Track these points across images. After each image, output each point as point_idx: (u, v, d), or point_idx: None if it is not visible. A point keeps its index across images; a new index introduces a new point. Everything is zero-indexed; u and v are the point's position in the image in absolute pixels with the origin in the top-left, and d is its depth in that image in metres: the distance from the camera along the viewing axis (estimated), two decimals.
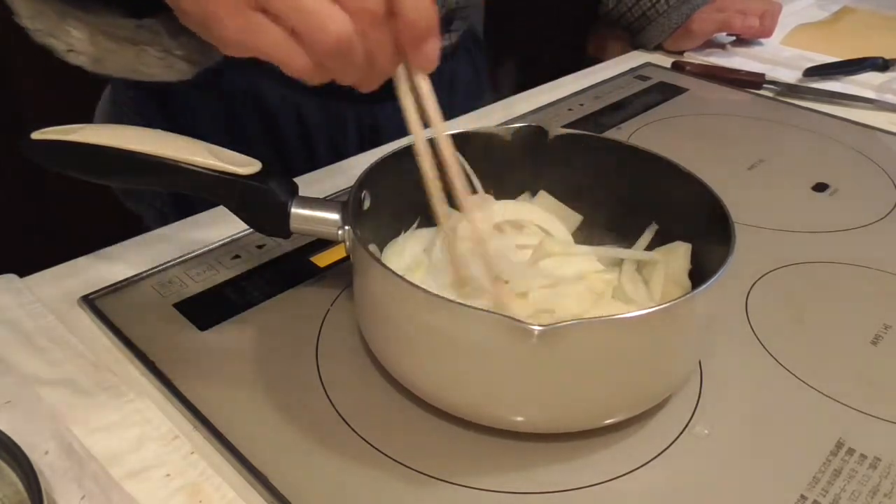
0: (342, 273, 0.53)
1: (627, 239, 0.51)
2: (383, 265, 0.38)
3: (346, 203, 0.44)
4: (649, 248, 0.50)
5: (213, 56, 0.49)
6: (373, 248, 0.47)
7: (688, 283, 0.46)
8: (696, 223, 0.46)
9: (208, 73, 0.51)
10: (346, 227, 0.43)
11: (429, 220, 0.52)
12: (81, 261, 0.53)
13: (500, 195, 0.53)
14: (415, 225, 0.51)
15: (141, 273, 0.52)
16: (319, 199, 0.46)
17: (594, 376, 0.38)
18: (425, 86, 0.39)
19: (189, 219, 0.59)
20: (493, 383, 0.38)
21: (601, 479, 0.39)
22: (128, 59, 0.46)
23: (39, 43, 0.44)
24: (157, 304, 0.49)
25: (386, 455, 0.40)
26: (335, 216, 0.44)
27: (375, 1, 0.34)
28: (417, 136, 0.41)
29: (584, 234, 0.53)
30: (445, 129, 0.41)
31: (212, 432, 0.40)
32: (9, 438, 0.36)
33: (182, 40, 0.47)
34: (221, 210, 0.58)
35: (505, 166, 0.52)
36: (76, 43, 0.44)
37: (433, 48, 0.37)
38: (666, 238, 0.49)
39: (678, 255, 0.47)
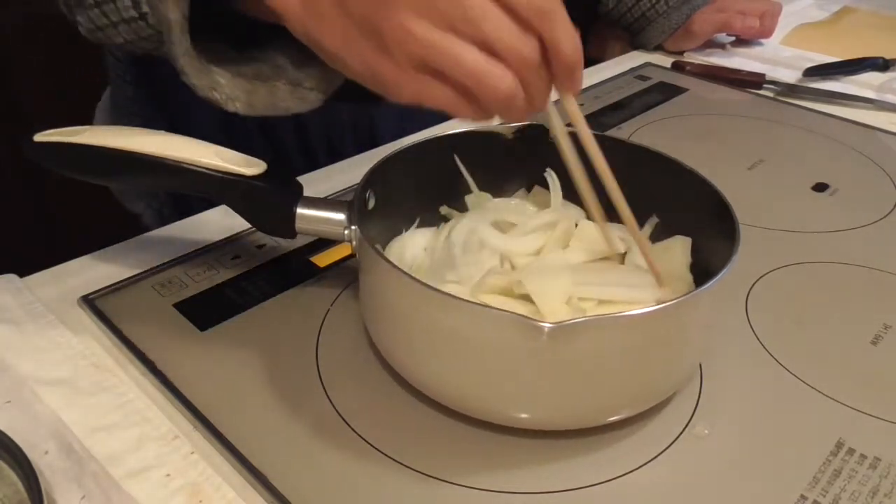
0: (342, 273, 0.53)
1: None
2: (393, 265, 0.39)
3: (352, 203, 0.44)
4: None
5: (338, 82, 0.50)
6: (378, 248, 0.47)
7: (689, 276, 0.47)
8: (699, 221, 0.46)
9: None
10: (353, 227, 0.44)
11: (429, 219, 0.52)
12: (81, 261, 0.53)
13: (500, 193, 0.53)
14: (415, 224, 0.51)
15: (141, 273, 0.52)
16: (325, 200, 0.46)
17: (602, 373, 0.38)
18: (575, 106, 0.42)
19: (189, 219, 0.59)
20: (501, 380, 0.39)
21: (601, 479, 0.39)
22: (264, 97, 0.48)
23: (204, 97, 0.46)
24: (157, 304, 0.49)
25: (386, 455, 0.40)
26: (341, 216, 0.45)
27: (532, 50, 0.37)
28: (575, 169, 0.44)
29: None
30: (596, 147, 0.43)
31: (212, 432, 0.40)
32: (9, 438, 0.36)
33: (309, 71, 0.48)
34: (221, 210, 0.59)
35: (506, 165, 0.52)
36: (227, 91, 0.46)
37: (580, 74, 0.40)
38: (669, 236, 0.49)
39: (676, 250, 0.47)
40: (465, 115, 0.39)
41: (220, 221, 0.57)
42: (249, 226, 0.52)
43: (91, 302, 0.49)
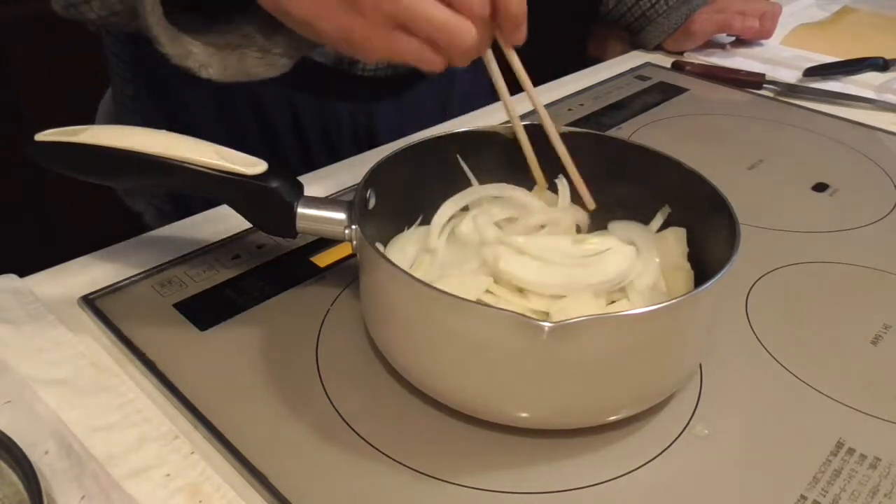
0: (342, 273, 0.53)
1: None
2: (393, 264, 0.39)
3: (352, 202, 0.44)
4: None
5: (307, 48, 0.52)
6: (378, 246, 0.47)
7: (687, 265, 0.47)
8: (700, 221, 0.47)
9: None
10: (354, 227, 0.44)
11: (430, 218, 0.52)
12: (81, 261, 0.53)
13: None
14: (417, 223, 0.51)
15: (141, 273, 0.52)
16: (325, 199, 0.46)
17: (603, 373, 0.38)
18: (517, 58, 0.47)
19: (189, 219, 0.59)
20: (502, 379, 0.39)
21: (601, 479, 0.39)
22: (235, 64, 0.50)
23: (180, 66, 0.49)
24: (157, 304, 0.49)
25: (386, 455, 0.40)
26: (342, 216, 0.45)
27: (484, 6, 0.42)
28: (511, 110, 0.49)
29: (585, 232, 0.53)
30: (537, 94, 0.49)
31: (212, 432, 0.40)
32: (9, 438, 0.36)
33: (277, 39, 0.51)
34: (221, 210, 0.59)
35: (506, 165, 0.52)
36: (201, 58, 0.49)
37: (525, 29, 0.45)
38: None
39: (670, 241, 0.48)
40: (431, 66, 0.44)
41: (220, 221, 0.57)
42: (249, 226, 0.52)
43: (91, 302, 0.49)
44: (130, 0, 0.48)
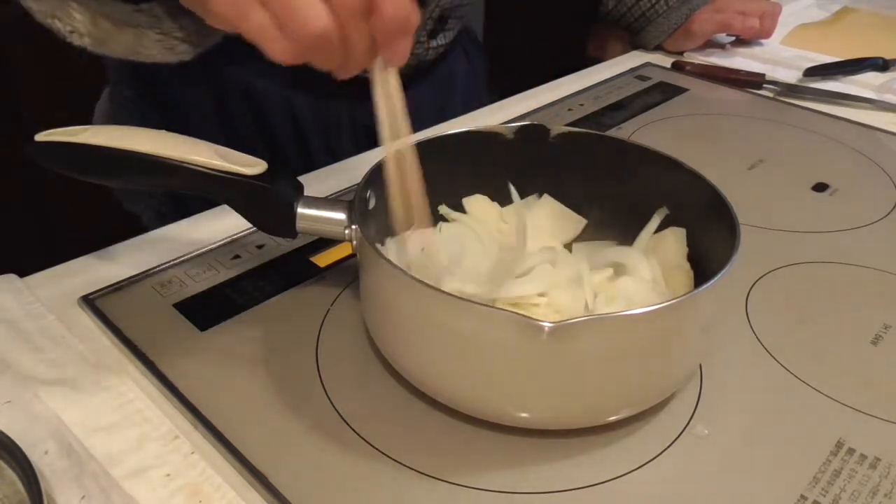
0: (342, 273, 0.53)
1: (629, 236, 0.51)
2: (393, 264, 0.39)
3: (352, 202, 0.44)
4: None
5: (212, 38, 0.49)
6: (378, 247, 0.47)
7: (687, 265, 0.47)
8: (700, 221, 0.47)
9: (205, 71, 0.51)
10: (354, 227, 0.44)
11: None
12: (81, 261, 0.53)
13: (500, 194, 0.53)
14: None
15: (141, 273, 0.52)
16: (325, 199, 0.46)
17: (602, 373, 0.38)
18: (394, 81, 0.40)
19: (189, 219, 0.59)
20: (502, 379, 0.39)
21: (601, 479, 0.39)
22: (128, 41, 0.47)
23: (42, 23, 0.45)
24: (157, 304, 0.49)
25: (386, 455, 0.40)
26: (342, 216, 0.45)
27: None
28: (384, 136, 0.42)
29: (586, 232, 0.53)
30: (407, 131, 0.41)
31: (212, 432, 0.40)
32: (9, 438, 0.36)
33: (182, 22, 0.48)
34: (221, 210, 0.59)
35: (506, 165, 0.52)
36: (78, 25, 0.45)
37: (405, 46, 0.38)
38: None
39: (670, 241, 0.48)
40: (273, 50, 0.37)
41: (220, 221, 0.57)
42: (249, 226, 0.52)
43: (91, 302, 0.49)
44: None
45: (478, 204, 0.53)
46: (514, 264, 0.47)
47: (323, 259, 0.54)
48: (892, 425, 0.43)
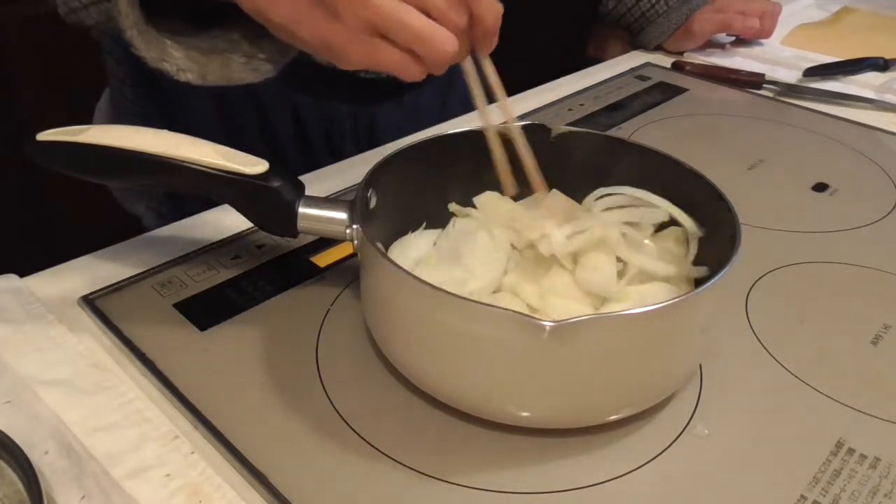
0: (342, 273, 0.53)
1: None
2: (395, 263, 0.39)
3: (354, 202, 0.44)
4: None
5: (291, 53, 0.52)
6: (379, 246, 0.47)
7: (688, 264, 0.47)
8: (701, 221, 0.47)
9: None
10: (355, 226, 0.44)
11: (433, 219, 0.52)
12: (81, 261, 0.53)
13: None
14: (423, 226, 0.52)
15: (141, 273, 0.52)
16: (326, 199, 0.46)
17: (603, 372, 0.38)
18: (492, 66, 0.47)
19: (189, 219, 0.59)
20: (503, 379, 0.39)
21: (601, 480, 0.39)
22: (218, 69, 0.50)
23: (154, 68, 0.49)
24: (157, 304, 0.49)
25: (386, 455, 0.40)
26: (343, 215, 0.45)
27: (463, 16, 0.42)
28: (486, 117, 0.48)
29: None
30: (509, 103, 0.49)
31: (212, 432, 0.40)
32: (9, 438, 0.36)
33: (262, 44, 0.51)
34: (221, 210, 0.59)
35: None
36: (180, 62, 0.49)
37: (496, 39, 0.45)
38: None
39: (669, 241, 0.48)
40: (412, 75, 0.43)
41: (220, 221, 0.57)
42: (249, 226, 0.52)
43: (91, 302, 0.49)
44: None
45: (488, 200, 0.53)
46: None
47: (323, 259, 0.54)
48: (892, 425, 0.43)
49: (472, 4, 0.42)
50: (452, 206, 0.52)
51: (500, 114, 0.49)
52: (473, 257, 0.47)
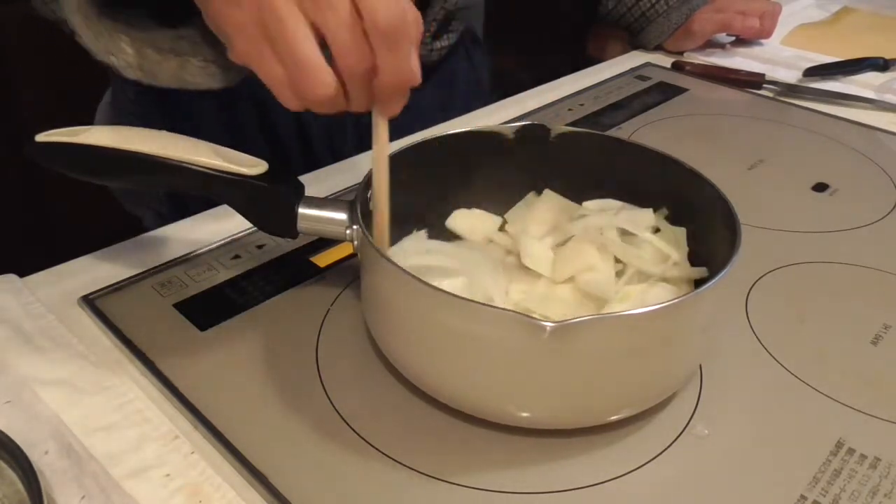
0: (342, 273, 0.53)
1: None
2: (395, 264, 0.39)
3: (353, 202, 0.44)
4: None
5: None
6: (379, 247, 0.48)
7: (687, 264, 0.47)
8: (701, 221, 0.47)
9: None
10: (355, 227, 0.44)
11: (434, 220, 0.52)
12: (81, 261, 0.53)
13: (502, 194, 0.53)
14: (424, 232, 0.52)
15: (141, 273, 0.52)
16: (326, 199, 0.46)
17: (604, 372, 0.38)
18: (383, 131, 0.42)
19: (189, 219, 0.59)
20: (503, 379, 0.39)
21: (601, 479, 0.39)
22: (173, 70, 0.48)
23: (101, 61, 0.47)
24: (157, 304, 0.49)
25: (386, 455, 0.40)
26: (343, 216, 0.45)
27: (364, 64, 0.37)
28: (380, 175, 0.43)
29: None
30: (385, 177, 0.43)
31: (212, 432, 0.40)
32: (9, 438, 0.36)
33: (221, 49, 0.49)
34: (221, 210, 0.59)
35: (507, 165, 0.52)
36: (129, 58, 0.47)
37: (401, 103, 0.40)
38: None
39: (670, 241, 0.48)
40: (283, 99, 0.39)
41: (220, 221, 0.57)
42: (249, 226, 0.52)
43: (91, 302, 0.49)
44: None
45: (464, 220, 0.53)
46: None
47: (323, 259, 0.54)
48: (892, 425, 0.43)
49: (378, 55, 0.37)
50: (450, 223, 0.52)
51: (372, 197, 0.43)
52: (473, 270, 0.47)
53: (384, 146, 0.42)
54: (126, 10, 0.47)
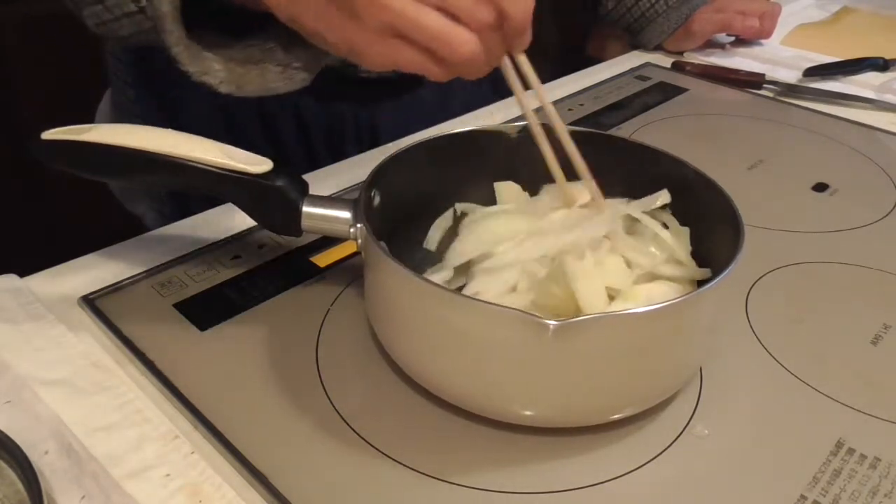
0: (342, 273, 0.53)
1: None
2: (398, 262, 0.39)
3: (357, 201, 0.44)
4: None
5: (325, 60, 0.52)
6: (382, 245, 0.47)
7: (692, 263, 0.47)
8: (703, 221, 0.46)
9: None
10: (359, 225, 0.44)
11: (432, 220, 0.52)
12: (81, 261, 0.53)
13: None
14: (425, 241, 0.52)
15: (141, 273, 0.52)
16: (330, 198, 0.46)
17: (607, 371, 0.38)
18: (525, 61, 0.46)
19: (189, 219, 0.59)
20: (506, 377, 0.39)
21: (601, 479, 0.39)
22: (256, 79, 0.51)
23: (198, 82, 0.49)
24: (157, 304, 0.49)
25: (386, 455, 0.40)
26: (346, 214, 0.45)
27: (488, 14, 0.41)
28: (530, 118, 0.49)
29: None
30: (546, 95, 0.49)
31: (212, 432, 0.40)
32: (9, 438, 0.36)
33: (296, 52, 0.51)
34: (221, 210, 0.59)
35: (507, 165, 0.52)
36: (220, 74, 0.49)
37: (529, 34, 0.44)
38: None
39: (672, 239, 0.48)
40: (434, 75, 0.43)
41: (220, 221, 0.57)
42: (250, 225, 0.52)
43: (91, 302, 0.49)
44: (155, 18, 0.49)
45: (508, 189, 0.53)
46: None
47: (323, 259, 0.54)
48: (892, 425, 0.43)
49: (499, 1, 0.42)
50: (460, 206, 0.52)
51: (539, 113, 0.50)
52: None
53: (540, 87, 0.48)
54: (200, 31, 0.49)
